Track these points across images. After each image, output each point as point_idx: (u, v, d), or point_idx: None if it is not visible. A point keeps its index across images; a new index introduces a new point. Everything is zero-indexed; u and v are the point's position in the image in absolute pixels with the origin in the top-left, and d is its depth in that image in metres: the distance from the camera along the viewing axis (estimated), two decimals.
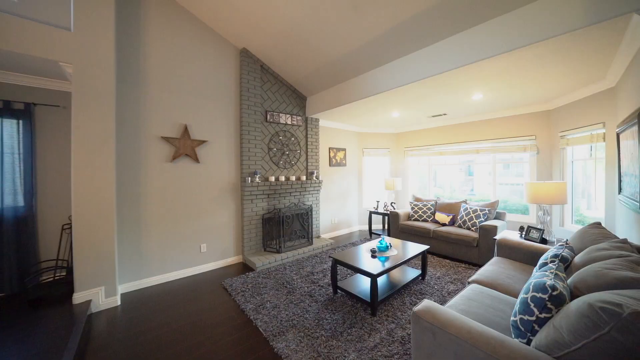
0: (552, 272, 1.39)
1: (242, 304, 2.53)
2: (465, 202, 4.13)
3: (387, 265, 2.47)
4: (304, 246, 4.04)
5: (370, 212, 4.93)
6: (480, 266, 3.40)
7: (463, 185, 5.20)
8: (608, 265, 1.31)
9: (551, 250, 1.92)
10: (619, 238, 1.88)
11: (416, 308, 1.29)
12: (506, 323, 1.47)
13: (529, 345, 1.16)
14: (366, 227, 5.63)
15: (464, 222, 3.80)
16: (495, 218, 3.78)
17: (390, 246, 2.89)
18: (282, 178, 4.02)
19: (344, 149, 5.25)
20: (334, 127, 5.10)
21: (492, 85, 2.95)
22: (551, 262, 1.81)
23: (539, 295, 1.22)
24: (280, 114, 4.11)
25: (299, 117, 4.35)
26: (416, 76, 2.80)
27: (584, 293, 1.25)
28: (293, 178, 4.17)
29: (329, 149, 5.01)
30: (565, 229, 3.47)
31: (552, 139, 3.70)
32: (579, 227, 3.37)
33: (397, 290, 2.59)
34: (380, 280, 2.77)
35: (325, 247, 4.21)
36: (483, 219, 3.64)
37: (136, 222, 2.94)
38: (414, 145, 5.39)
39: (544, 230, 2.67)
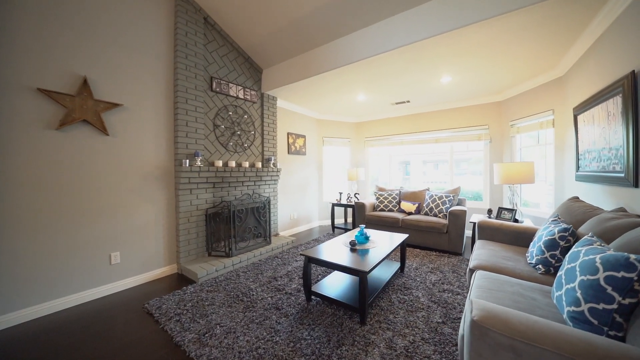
0: (600, 245, 1.14)
1: (177, 334, 1.73)
2: (428, 189, 4.09)
3: (373, 259, 2.04)
4: (261, 246, 3.33)
5: (333, 205, 4.51)
6: (451, 253, 3.32)
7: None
8: None
9: (551, 226, 1.78)
10: (605, 209, 1.86)
11: (476, 315, 0.85)
12: (552, 315, 1.16)
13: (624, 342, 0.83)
14: (327, 223, 5.20)
15: (431, 209, 3.72)
16: (457, 204, 3.80)
17: (370, 237, 2.48)
18: (233, 164, 3.24)
19: (304, 136, 4.71)
20: (293, 110, 4.51)
21: (464, 64, 2.84)
22: (560, 237, 1.64)
23: (621, 274, 0.92)
24: (230, 84, 3.32)
25: (253, 92, 3.62)
26: (396, 43, 2.47)
27: None
28: (246, 164, 3.42)
29: (288, 134, 4.40)
30: None
31: (502, 128, 3.94)
32: (526, 209, 3.61)
33: (382, 288, 2.19)
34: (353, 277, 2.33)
35: (285, 246, 3.59)
36: (449, 205, 3.60)
37: None
38: (375, 136, 5.22)
39: (516, 210, 2.67)
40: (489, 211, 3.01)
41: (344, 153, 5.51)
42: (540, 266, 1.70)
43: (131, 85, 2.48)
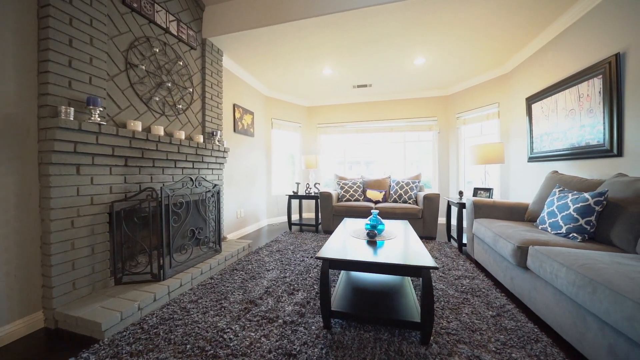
0: None
1: None
2: (390, 177, 3.98)
3: (415, 250, 1.55)
4: (210, 257, 2.25)
5: (290, 197, 3.76)
6: (426, 238, 3.23)
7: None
8: None
9: (570, 195, 1.77)
10: (595, 179, 2.02)
11: None
12: None
13: None
14: (278, 220, 4.35)
15: (399, 195, 3.57)
16: (420, 190, 3.83)
17: (384, 226, 1.97)
18: (160, 131, 2.04)
19: (252, 113, 3.75)
20: (241, 76, 3.49)
21: (444, 44, 2.78)
22: (596, 202, 1.60)
23: None
24: (157, 6, 2.10)
25: (191, 32, 2.47)
26: None
27: None
28: (181, 135, 2.26)
29: (234, 106, 3.35)
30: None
31: (449, 120, 4.28)
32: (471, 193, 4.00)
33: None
34: (374, 281, 1.79)
35: (242, 253, 2.60)
36: (416, 191, 3.56)
37: None
38: (328, 122, 4.79)
39: (492, 189, 2.77)
40: (460, 193, 3.08)
41: (294, 140, 4.82)
42: (575, 234, 1.63)
43: None
